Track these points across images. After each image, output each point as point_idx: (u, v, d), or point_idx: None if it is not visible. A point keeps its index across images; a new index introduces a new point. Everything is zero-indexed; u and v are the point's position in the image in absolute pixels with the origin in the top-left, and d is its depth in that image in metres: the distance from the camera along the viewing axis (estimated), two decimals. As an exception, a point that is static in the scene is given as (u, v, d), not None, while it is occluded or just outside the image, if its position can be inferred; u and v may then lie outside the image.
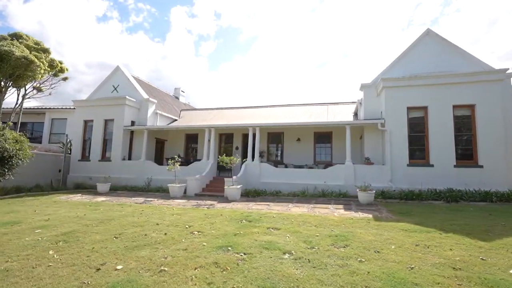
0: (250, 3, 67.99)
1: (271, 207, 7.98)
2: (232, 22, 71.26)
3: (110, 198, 10.01)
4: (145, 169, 13.64)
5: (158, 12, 69.07)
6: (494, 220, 6.21)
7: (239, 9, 67.32)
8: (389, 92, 10.51)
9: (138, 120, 15.45)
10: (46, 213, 7.21)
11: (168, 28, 74.36)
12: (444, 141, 9.78)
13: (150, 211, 7.41)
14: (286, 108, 17.17)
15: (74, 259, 3.93)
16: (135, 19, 70.54)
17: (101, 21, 67.21)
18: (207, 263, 3.74)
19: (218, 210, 7.65)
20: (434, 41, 11.08)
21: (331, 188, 10.65)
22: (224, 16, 72.72)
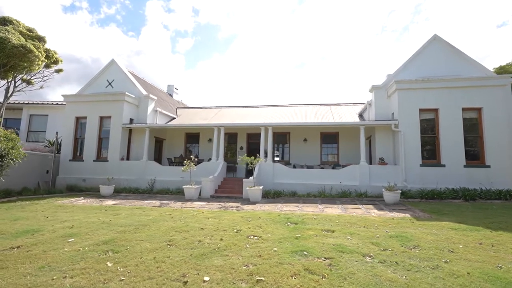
0: (229, 1, 67.41)
1: (302, 208, 7.82)
2: (211, 19, 70.06)
3: (121, 201, 9.29)
4: (147, 170, 12.87)
5: (132, 4, 66.10)
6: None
7: (218, 6, 66.41)
8: (402, 94, 10.81)
9: (136, 117, 14.58)
10: (62, 219, 6.47)
11: (143, 22, 71.45)
12: (454, 142, 10.23)
13: (179, 215, 6.93)
14: (289, 108, 17.11)
15: (145, 271, 3.49)
16: (107, 11, 66.89)
17: (68, 11, 62.71)
18: (299, 270, 3.50)
19: (251, 212, 7.34)
20: (440, 47, 11.58)
21: (347, 188, 10.73)
22: (203, 12, 71.35)
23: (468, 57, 11.26)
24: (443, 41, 11.61)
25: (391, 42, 67.98)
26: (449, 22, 63.02)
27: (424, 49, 11.77)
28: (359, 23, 66.83)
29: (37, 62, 9.85)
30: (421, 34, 67.25)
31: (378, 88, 11.96)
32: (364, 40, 69.40)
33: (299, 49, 70.84)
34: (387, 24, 66.10)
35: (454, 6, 59.13)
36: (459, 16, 62.02)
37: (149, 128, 13.56)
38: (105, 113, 13.83)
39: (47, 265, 3.72)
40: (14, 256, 4.05)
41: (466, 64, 11.20)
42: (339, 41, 70.25)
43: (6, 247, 4.46)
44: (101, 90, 14.84)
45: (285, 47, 70.38)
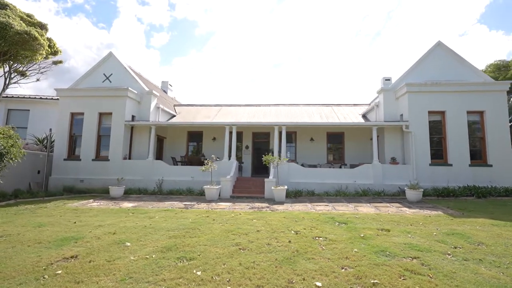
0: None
1: (334, 208, 7.87)
2: (188, 14, 68.39)
3: (139, 204, 8.73)
4: (154, 169, 12.24)
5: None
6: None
7: (195, 2, 65.04)
8: (412, 96, 11.28)
9: (138, 114, 13.80)
10: (92, 224, 5.93)
11: (114, 13, 67.91)
12: (460, 143, 10.88)
13: (218, 217, 6.64)
14: (292, 107, 17.16)
15: (245, 279, 3.29)
16: (74, 0, 62.70)
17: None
18: (400, 271, 3.49)
19: (288, 212, 7.23)
20: (443, 52, 12.25)
21: (361, 187, 10.99)
22: (179, 7, 69.47)
23: (468, 63, 12.01)
24: (446, 47, 12.28)
25: (365, 46, 70.83)
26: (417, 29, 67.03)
27: (429, 54, 12.37)
28: (335, 26, 68.90)
29: (41, 52, 8.89)
30: (392, 39, 70.76)
31: (386, 90, 12.38)
32: (340, 43, 71.70)
33: (276, 49, 71.48)
34: (361, 28, 68.72)
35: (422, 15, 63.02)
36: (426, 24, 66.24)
37: (155, 126, 12.90)
38: (105, 109, 12.93)
39: (127, 277, 3.37)
40: (79, 267, 3.63)
41: (466, 70, 11.95)
42: (316, 43, 71.94)
43: (58, 257, 3.98)
44: (97, 85, 13.85)
45: (263, 47, 70.63)
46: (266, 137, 15.35)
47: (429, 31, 66.05)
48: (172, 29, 70.73)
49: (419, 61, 12.37)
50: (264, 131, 15.15)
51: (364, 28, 68.18)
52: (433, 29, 65.60)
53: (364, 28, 68.50)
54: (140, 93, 13.90)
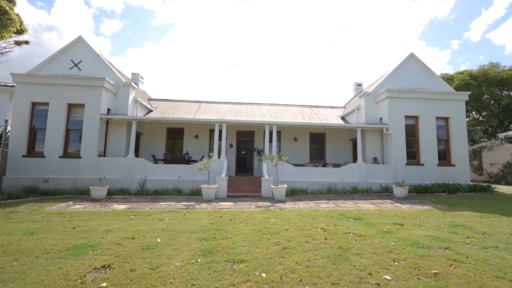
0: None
1: (337, 205, 8.16)
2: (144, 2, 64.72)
3: (132, 205, 7.94)
4: (136, 168, 11.27)
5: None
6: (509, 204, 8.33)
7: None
8: (391, 102, 12.28)
9: (114, 108, 12.58)
10: (99, 229, 5.23)
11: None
12: (430, 145, 12.19)
13: (232, 217, 6.40)
14: (274, 107, 17.34)
15: (316, 277, 3.23)
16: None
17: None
18: (448, 260, 3.77)
19: (297, 211, 7.28)
20: (415, 63, 13.60)
21: (348, 185, 11.61)
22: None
23: (435, 74, 13.54)
24: (417, 59, 13.66)
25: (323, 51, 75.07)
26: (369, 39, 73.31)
27: (403, 65, 13.62)
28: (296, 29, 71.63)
29: (11, 28, 7.45)
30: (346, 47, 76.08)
31: (367, 95, 13.28)
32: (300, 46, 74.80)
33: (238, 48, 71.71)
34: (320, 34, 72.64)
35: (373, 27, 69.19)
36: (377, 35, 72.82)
37: (137, 121, 11.88)
38: (76, 100, 11.49)
39: (189, 284, 3.09)
40: (123, 278, 3.20)
41: (433, 80, 13.45)
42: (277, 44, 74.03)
43: (87, 268, 3.45)
44: (63, 72, 12.26)
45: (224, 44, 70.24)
46: (250, 136, 15.25)
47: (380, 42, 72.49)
48: (126, 17, 65.72)
49: (395, 70, 13.53)
50: (248, 129, 15.03)
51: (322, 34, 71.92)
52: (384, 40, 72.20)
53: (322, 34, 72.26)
54: (116, 84, 12.68)
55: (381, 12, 62.84)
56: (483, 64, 29.62)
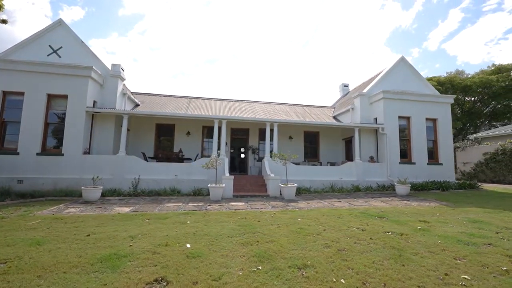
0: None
1: (350, 203, 8.14)
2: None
3: (136, 208, 7.17)
4: (128, 166, 10.33)
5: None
6: (502, 200, 8.93)
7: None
8: (387, 102, 12.69)
9: (101, 100, 11.45)
10: (119, 235, 4.57)
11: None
12: (420, 144, 12.82)
13: (256, 218, 6.03)
14: (266, 105, 17.10)
15: (397, 281, 3.05)
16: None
17: None
18: (504, 256, 3.81)
19: (317, 209, 7.09)
20: (405, 67, 14.23)
21: (346, 183, 11.76)
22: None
23: (423, 78, 14.28)
24: (407, 62, 14.30)
25: (295, 52, 76.81)
26: (340, 43, 76.47)
27: (394, 68, 14.17)
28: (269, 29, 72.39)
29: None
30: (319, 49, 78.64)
31: (363, 95, 13.59)
32: (272, 46, 75.82)
33: (211, 44, 70.66)
34: (293, 35, 74.17)
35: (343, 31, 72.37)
36: (347, 39, 76.25)
37: (128, 115, 10.89)
38: (57, 91, 10.23)
39: (271, 297, 2.70)
40: (192, 294, 2.72)
41: (421, 83, 14.17)
42: (251, 42, 74.25)
43: (139, 283, 2.92)
44: (40, 58, 10.87)
45: (196, 40, 68.70)
46: (244, 133, 14.86)
47: (350, 46, 75.85)
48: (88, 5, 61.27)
49: (387, 73, 14.02)
50: (243, 127, 14.63)
51: (296, 35, 73.37)
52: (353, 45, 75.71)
53: (295, 35, 73.72)
54: (103, 75, 11.55)
55: (351, 17, 65.83)
56: (450, 71, 32.20)
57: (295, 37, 73.43)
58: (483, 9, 55.14)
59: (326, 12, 65.52)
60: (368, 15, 64.49)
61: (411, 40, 71.59)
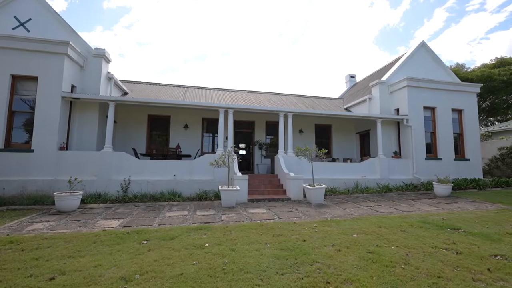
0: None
1: (395, 208, 6.67)
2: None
3: (128, 220, 5.40)
4: (115, 165, 8.49)
5: None
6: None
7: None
8: (411, 91, 11.33)
9: (81, 85, 9.49)
10: (102, 273, 2.86)
11: None
12: (446, 138, 11.55)
13: (295, 235, 4.43)
14: (272, 96, 15.47)
15: None
16: None
17: None
18: None
19: (367, 219, 5.54)
20: (426, 53, 12.92)
21: (370, 182, 10.36)
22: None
23: (444, 65, 13.03)
24: (428, 48, 12.99)
25: (286, 48, 75.43)
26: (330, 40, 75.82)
27: (414, 54, 12.84)
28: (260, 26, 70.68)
29: None
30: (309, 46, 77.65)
31: (382, 83, 12.18)
32: (263, 43, 74.19)
33: (201, 40, 68.37)
34: (283, 31, 72.64)
35: (333, 28, 71.60)
36: (337, 37, 75.62)
37: (115, 103, 8.98)
38: (25, 71, 8.22)
39: None
40: None
41: (443, 71, 12.92)
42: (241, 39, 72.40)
43: None
44: (3, 31, 8.79)
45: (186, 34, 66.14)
46: (249, 127, 13.19)
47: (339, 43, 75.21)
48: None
49: (407, 59, 12.67)
50: (248, 119, 12.95)
51: (286, 31, 71.88)
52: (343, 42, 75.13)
53: (286, 32, 72.23)
54: (84, 54, 9.57)
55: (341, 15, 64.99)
56: (451, 65, 31.52)
57: (285, 34, 71.81)
58: (467, 9, 55.50)
59: (316, 8, 64.25)
60: (357, 13, 63.75)
61: (398, 39, 71.68)
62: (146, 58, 65.28)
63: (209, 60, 73.28)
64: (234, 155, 8.94)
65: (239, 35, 71.41)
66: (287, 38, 73.64)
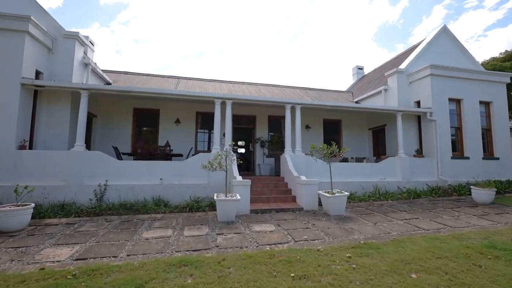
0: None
1: (437, 222, 5.25)
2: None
3: (87, 247, 3.92)
4: (86, 167, 6.98)
5: None
6: None
7: None
8: (435, 81, 9.90)
9: (49, 71, 7.94)
10: None
11: None
12: (474, 134, 10.17)
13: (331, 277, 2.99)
14: (274, 88, 14.00)
15: None
16: None
17: None
18: None
19: (411, 240, 4.10)
20: (448, 39, 11.51)
21: (390, 185, 8.97)
22: None
23: (468, 52, 11.62)
24: (451, 33, 11.57)
25: (285, 45, 73.77)
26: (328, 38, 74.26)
27: (435, 40, 11.42)
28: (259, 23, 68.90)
29: None
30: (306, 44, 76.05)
31: (401, 72, 10.74)
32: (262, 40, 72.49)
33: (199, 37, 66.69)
34: (282, 28, 70.90)
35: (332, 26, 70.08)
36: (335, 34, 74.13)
37: (89, 92, 7.45)
38: (-27, 52, 6.66)
39: None
40: None
41: (467, 59, 11.52)
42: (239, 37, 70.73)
43: None
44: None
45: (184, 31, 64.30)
46: (250, 122, 11.70)
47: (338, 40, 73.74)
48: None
49: (427, 46, 11.25)
50: (249, 113, 11.45)
51: (284, 29, 70.08)
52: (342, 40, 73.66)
53: (284, 29, 70.43)
54: (53, 35, 8.01)
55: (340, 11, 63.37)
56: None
57: (284, 31, 70.00)
58: (465, 6, 54.29)
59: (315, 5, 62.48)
60: (357, 10, 62.11)
61: (397, 35, 70.26)
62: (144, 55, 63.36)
63: (207, 58, 71.53)
64: (233, 155, 7.41)
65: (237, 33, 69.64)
66: (286, 35, 71.83)
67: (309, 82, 74.33)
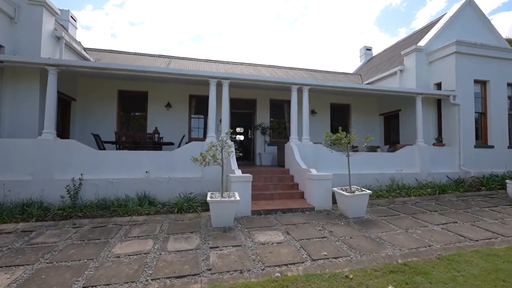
0: None
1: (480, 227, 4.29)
2: None
3: (36, 270, 2.91)
4: (57, 158, 5.90)
5: None
6: None
7: None
8: (460, 60, 8.72)
9: (12, 45, 6.68)
10: None
11: None
12: (499, 121, 9.13)
13: None
14: (276, 69, 12.75)
15: None
16: None
17: None
18: None
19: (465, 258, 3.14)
20: (473, 13, 10.20)
21: (408, 177, 8.00)
22: None
23: (494, 28, 10.35)
24: (476, 7, 10.25)
25: (284, 29, 71.06)
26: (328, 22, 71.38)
27: (458, 14, 10.10)
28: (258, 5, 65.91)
29: None
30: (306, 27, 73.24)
31: (420, 50, 9.51)
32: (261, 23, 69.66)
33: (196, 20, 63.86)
34: (282, 11, 67.95)
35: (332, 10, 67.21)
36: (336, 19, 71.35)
37: (57, 68, 6.23)
38: None
39: None
40: None
41: (491, 34, 10.24)
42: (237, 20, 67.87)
43: None
44: None
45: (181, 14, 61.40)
46: (249, 106, 10.55)
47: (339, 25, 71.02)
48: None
49: (450, 20, 9.96)
50: (249, 97, 10.27)
51: (284, 12, 67.18)
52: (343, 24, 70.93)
53: (284, 12, 67.53)
54: (16, 2, 6.69)
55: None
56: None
57: (284, 15, 67.01)
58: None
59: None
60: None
61: (400, 19, 67.63)
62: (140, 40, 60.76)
63: (205, 41, 68.85)
64: (231, 145, 6.30)
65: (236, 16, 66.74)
66: (286, 18, 68.94)
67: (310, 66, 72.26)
